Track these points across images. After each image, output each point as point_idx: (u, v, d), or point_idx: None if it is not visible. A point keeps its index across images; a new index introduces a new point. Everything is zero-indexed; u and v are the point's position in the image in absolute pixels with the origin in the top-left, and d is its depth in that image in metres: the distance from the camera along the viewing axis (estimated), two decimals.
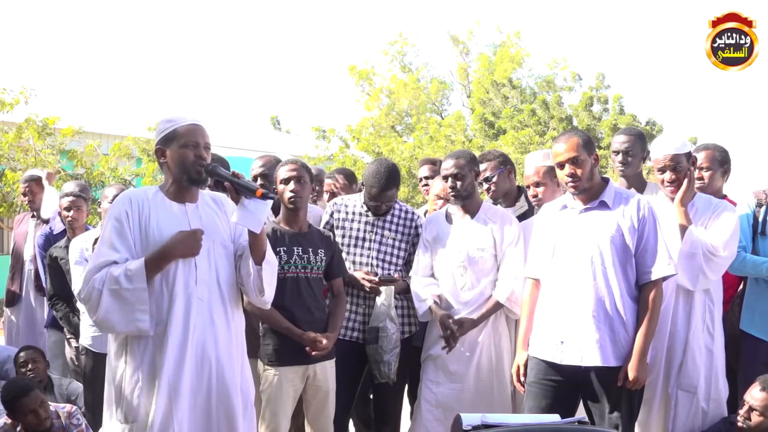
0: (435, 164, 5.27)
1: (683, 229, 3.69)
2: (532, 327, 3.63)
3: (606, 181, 3.56)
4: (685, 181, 3.74)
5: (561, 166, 3.49)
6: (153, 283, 2.98)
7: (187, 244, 3.00)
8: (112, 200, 4.58)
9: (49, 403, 4.20)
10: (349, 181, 5.28)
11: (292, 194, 3.85)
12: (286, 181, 3.88)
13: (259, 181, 4.44)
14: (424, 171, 5.24)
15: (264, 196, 2.94)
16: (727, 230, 3.74)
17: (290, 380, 3.79)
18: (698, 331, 3.76)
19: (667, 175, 3.78)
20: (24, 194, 6.01)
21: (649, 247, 3.43)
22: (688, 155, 3.81)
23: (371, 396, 4.56)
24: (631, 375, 3.37)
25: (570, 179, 3.46)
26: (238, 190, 2.98)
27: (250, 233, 3.06)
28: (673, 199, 3.78)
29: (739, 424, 3.65)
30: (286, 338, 3.78)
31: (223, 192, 3.27)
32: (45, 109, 11.17)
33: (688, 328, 3.75)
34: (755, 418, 3.62)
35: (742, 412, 3.66)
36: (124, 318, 2.93)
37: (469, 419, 2.65)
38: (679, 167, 3.76)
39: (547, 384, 3.50)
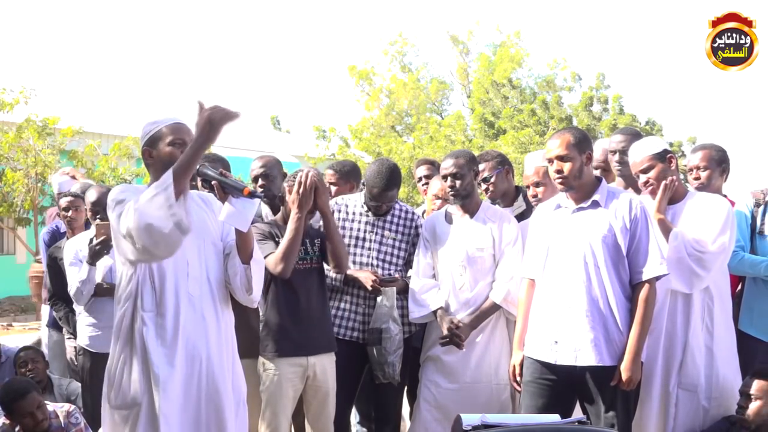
0: (433, 164, 5.26)
1: (666, 234, 3.69)
2: (527, 327, 3.63)
3: (599, 180, 3.58)
4: (660, 190, 3.75)
5: (551, 161, 3.54)
6: (146, 276, 2.99)
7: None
8: (96, 201, 4.53)
9: (48, 402, 4.20)
10: (345, 178, 4.97)
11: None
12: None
13: (260, 182, 4.45)
14: (422, 170, 5.23)
15: (251, 195, 2.96)
16: (716, 223, 3.70)
17: (290, 380, 3.79)
18: (697, 330, 3.75)
19: (642, 178, 3.83)
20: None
21: (641, 247, 3.44)
22: (662, 155, 3.80)
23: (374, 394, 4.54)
24: (624, 375, 3.38)
25: (557, 176, 3.50)
26: (225, 189, 3.00)
27: (238, 232, 3.07)
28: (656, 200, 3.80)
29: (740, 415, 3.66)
30: (286, 331, 3.79)
31: (210, 191, 3.27)
32: (45, 109, 11.17)
33: (686, 327, 3.74)
34: (752, 404, 3.63)
35: (740, 401, 3.67)
36: (160, 214, 2.75)
37: (469, 419, 2.66)
38: (650, 169, 3.78)
39: (543, 383, 3.51)
